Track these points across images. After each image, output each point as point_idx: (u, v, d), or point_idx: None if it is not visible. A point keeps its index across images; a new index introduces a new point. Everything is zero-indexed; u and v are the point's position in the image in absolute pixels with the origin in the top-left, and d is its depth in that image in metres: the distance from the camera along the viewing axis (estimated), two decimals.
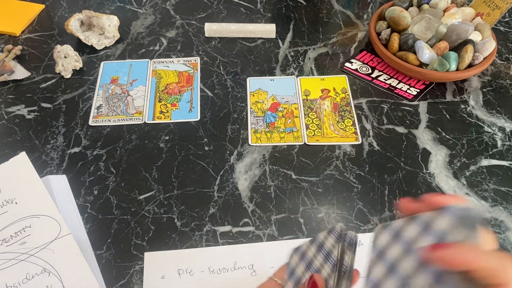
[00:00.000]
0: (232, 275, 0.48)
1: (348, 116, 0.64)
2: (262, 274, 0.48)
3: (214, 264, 0.48)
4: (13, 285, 0.45)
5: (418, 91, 0.67)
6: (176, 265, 0.48)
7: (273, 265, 0.48)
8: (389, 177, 0.57)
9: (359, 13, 0.82)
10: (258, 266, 0.48)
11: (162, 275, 0.48)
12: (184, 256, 0.49)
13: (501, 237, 0.51)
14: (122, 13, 0.79)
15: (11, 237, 0.49)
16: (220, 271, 0.48)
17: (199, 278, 0.47)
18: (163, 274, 0.48)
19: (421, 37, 0.68)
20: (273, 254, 0.49)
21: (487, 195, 0.55)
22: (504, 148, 0.60)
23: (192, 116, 0.64)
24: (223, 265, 0.48)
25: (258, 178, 0.57)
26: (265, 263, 0.49)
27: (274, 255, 0.49)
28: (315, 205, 0.54)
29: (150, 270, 0.48)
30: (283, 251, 0.49)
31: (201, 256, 0.49)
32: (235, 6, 0.83)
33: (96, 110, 0.64)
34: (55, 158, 0.58)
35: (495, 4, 0.70)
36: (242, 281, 0.47)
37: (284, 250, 0.49)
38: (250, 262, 0.49)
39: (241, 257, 0.49)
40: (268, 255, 0.49)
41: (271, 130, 0.62)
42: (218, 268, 0.48)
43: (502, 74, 0.71)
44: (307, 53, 0.73)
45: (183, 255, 0.49)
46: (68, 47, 0.69)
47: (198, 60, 0.72)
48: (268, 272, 0.47)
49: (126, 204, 0.54)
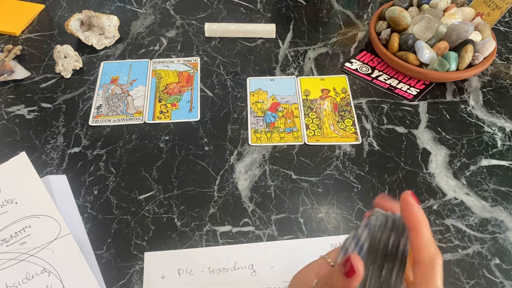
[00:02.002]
0: (232, 275, 0.48)
1: (348, 116, 0.64)
2: (262, 274, 0.48)
3: (214, 264, 0.48)
4: (13, 285, 0.45)
5: (418, 91, 0.67)
6: (176, 265, 0.48)
7: (273, 265, 0.48)
8: (389, 177, 0.57)
9: (359, 13, 0.82)
10: (258, 266, 0.48)
11: (162, 275, 0.48)
12: (184, 256, 0.49)
13: (501, 237, 0.51)
14: (122, 13, 0.79)
15: (11, 237, 0.49)
16: (220, 271, 0.48)
17: (199, 278, 0.47)
18: (163, 274, 0.48)
19: (421, 37, 0.68)
20: (273, 254, 0.49)
21: (487, 195, 0.55)
22: (504, 148, 0.60)
23: (192, 116, 0.64)
24: (223, 265, 0.48)
25: (258, 178, 0.57)
26: (265, 263, 0.49)
27: (274, 255, 0.49)
28: (315, 205, 0.54)
29: (150, 270, 0.48)
30: (283, 251, 0.50)
31: (201, 256, 0.49)
32: (235, 6, 0.83)
33: (96, 110, 0.64)
34: (55, 158, 0.58)
35: (495, 4, 0.70)
36: (242, 281, 0.47)
37: (284, 250, 0.50)
38: (250, 262, 0.49)
39: (241, 257, 0.49)
40: (268, 255, 0.49)
41: (271, 130, 0.62)
42: (218, 268, 0.48)
43: (502, 74, 0.71)
44: (307, 53, 0.73)
45: (183, 255, 0.49)
46: (68, 47, 0.69)
47: (198, 60, 0.72)
48: (268, 272, 0.47)
49: (126, 204, 0.54)
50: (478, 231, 0.52)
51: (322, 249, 0.49)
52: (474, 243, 0.51)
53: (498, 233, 0.52)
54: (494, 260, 0.49)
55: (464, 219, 0.53)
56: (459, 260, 0.49)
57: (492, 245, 0.51)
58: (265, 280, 0.47)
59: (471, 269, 0.49)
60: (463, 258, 0.50)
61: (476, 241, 0.51)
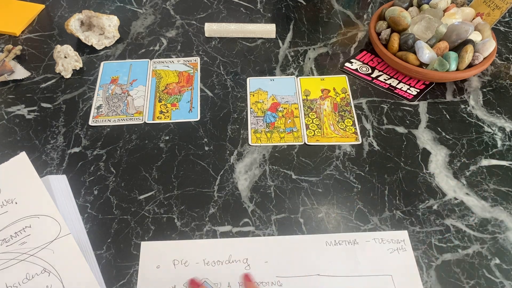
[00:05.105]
0: (226, 267, 0.48)
1: (348, 116, 0.64)
2: (256, 268, 0.48)
3: (209, 256, 0.49)
4: (13, 285, 0.45)
5: (418, 91, 0.67)
6: (172, 256, 0.49)
7: (267, 260, 0.49)
8: (389, 177, 0.57)
9: (359, 13, 0.82)
10: (252, 260, 0.49)
11: (157, 264, 0.48)
12: (180, 247, 0.50)
13: (501, 237, 0.51)
14: (122, 13, 0.79)
15: (11, 237, 0.49)
16: (215, 263, 0.49)
17: (194, 269, 0.48)
18: (158, 264, 0.48)
19: (421, 37, 0.68)
20: (268, 249, 0.50)
21: (487, 195, 0.55)
22: (504, 148, 0.60)
23: (192, 116, 0.64)
24: (217, 258, 0.49)
25: (258, 178, 0.57)
26: (259, 258, 0.49)
27: (269, 250, 0.50)
28: (315, 205, 0.54)
29: (145, 259, 0.49)
30: (278, 246, 0.50)
31: (197, 248, 0.50)
32: (235, 6, 0.83)
33: (96, 110, 0.64)
34: (55, 158, 0.58)
35: (495, 4, 0.70)
36: (236, 274, 0.48)
37: (280, 246, 0.50)
38: (245, 256, 0.49)
39: (237, 250, 0.50)
40: (263, 250, 0.50)
41: (271, 130, 0.62)
42: (213, 260, 0.49)
43: (502, 74, 0.71)
44: (307, 53, 0.73)
45: (179, 246, 0.50)
46: (68, 47, 0.69)
47: (198, 60, 0.72)
48: (262, 266, 0.48)
49: (126, 204, 0.54)
50: (478, 231, 0.52)
51: (317, 246, 0.50)
52: (474, 243, 0.51)
53: (498, 233, 0.52)
54: (494, 260, 0.49)
55: (464, 219, 0.53)
56: (459, 260, 0.49)
57: (492, 245, 0.51)
58: (259, 274, 0.47)
59: (471, 269, 0.49)
60: (463, 258, 0.50)
61: (476, 241, 0.51)
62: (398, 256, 0.49)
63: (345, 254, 0.49)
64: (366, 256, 0.49)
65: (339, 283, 0.47)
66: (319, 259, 0.49)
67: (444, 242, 0.51)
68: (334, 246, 0.50)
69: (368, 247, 0.50)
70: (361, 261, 0.49)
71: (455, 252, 0.50)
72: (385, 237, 0.51)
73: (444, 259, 0.49)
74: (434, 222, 0.53)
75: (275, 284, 0.47)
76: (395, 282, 0.47)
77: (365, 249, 0.49)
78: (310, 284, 0.47)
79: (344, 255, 0.49)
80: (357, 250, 0.49)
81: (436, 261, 0.49)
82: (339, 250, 0.50)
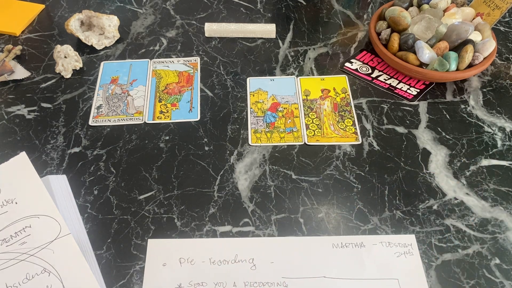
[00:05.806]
0: (232, 267, 0.48)
1: (348, 116, 0.64)
2: (262, 269, 0.48)
3: (215, 256, 0.49)
4: (13, 285, 0.45)
5: (418, 91, 0.67)
6: (178, 254, 0.49)
7: (273, 261, 0.49)
8: (389, 177, 0.57)
9: (359, 13, 0.82)
10: (258, 261, 0.49)
11: (163, 262, 0.49)
12: (186, 245, 0.50)
13: (501, 237, 0.51)
14: (122, 13, 0.79)
15: (11, 237, 0.49)
16: (221, 262, 0.49)
17: (200, 268, 0.48)
18: (164, 262, 0.49)
19: (421, 37, 0.68)
20: (274, 250, 0.50)
21: (487, 195, 0.55)
22: (504, 148, 0.60)
23: (192, 116, 0.64)
24: (224, 257, 0.49)
25: (258, 178, 0.57)
26: (265, 258, 0.49)
27: (275, 250, 0.50)
28: (315, 205, 0.54)
29: (152, 256, 0.49)
30: (284, 248, 0.50)
31: (203, 246, 0.50)
32: (235, 6, 0.83)
33: (96, 110, 0.64)
34: (55, 158, 0.58)
35: (495, 4, 0.70)
36: (242, 274, 0.48)
37: (286, 247, 0.50)
38: (251, 256, 0.49)
39: (242, 250, 0.50)
40: (269, 250, 0.50)
41: (271, 130, 0.62)
42: (219, 259, 0.49)
43: (502, 74, 0.71)
44: (307, 53, 0.73)
45: (185, 245, 0.50)
46: (68, 47, 0.69)
47: (198, 60, 0.72)
48: (268, 267, 0.48)
49: (126, 204, 0.54)
50: (478, 231, 0.52)
51: (323, 248, 0.50)
52: (474, 243, 0.51)
53: (498, 233, 0.52)
54: (494, 260, 0.49)
55: (464, 219, 0.53)
56: (459, 260, 0.49)
57: (492, 245, 0.51)
58: (265, 275, 0.47)
59: (471, 269, 0.49)
60: (463, 258, 0.50)
61: (476, 241, 0.51)
62: (405, 260, 0.49)
63: (352, 257, 0.49)
64: (372, 259, 0.49)
65: (345, 286, 0.47)
66: (325, 261, 0.49)
67: (444, 242, 0.51)
68: (341, 249, 0.50)
69: (375, 250, 0.50)
70: (367, 264, 0.48)
71: (455, 252, 0.50)
72: (392, 240, 0.50)
73: (444, 259, 0.49)
74: (434, 222, 0.53)
75: (280, 285, 0.47)
76: (401, 286, 0.47)
77: (371, 252, 0.49)
78: (315, 286, 0.47)
79: (351, 258, 0.49)
80: (363, 253, 0.49)
81: (436, 261, 0.49)
82: (345, 253, 0.49)
